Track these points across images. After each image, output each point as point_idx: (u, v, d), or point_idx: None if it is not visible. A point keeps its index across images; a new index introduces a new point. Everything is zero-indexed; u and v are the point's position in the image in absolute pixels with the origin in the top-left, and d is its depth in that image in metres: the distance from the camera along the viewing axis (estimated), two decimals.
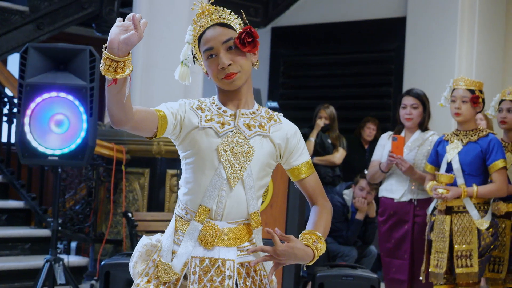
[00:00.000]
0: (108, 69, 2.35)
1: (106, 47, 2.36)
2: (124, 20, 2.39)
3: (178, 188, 2.82)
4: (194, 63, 2.79)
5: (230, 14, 2.73)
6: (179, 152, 2.75)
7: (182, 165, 2.75)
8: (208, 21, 2.71)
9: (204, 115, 2.70)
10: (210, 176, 2.67)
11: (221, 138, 2.68)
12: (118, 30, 2.35)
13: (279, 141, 2.76)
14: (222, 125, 2.69)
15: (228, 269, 2.67)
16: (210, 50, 2.68)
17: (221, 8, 2.74)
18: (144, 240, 2.79)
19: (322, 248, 2.70)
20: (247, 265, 2.72)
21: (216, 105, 2.75)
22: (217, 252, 2.68)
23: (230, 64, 2.66)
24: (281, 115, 2.84)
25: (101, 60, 2.36)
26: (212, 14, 2.72)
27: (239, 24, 2.72)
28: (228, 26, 2.70)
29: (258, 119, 2.75)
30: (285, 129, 2.79)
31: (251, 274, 2.72)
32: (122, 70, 2.36)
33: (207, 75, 2.77)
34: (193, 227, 2.68)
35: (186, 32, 2.77)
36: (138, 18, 2.34)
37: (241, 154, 2.68)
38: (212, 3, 2.74)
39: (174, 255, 2.70)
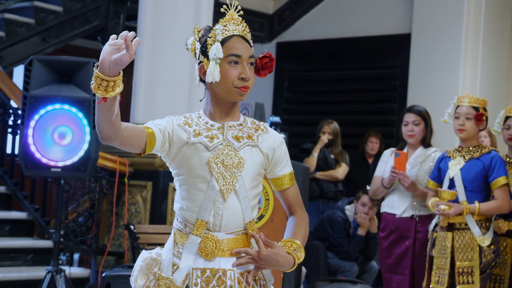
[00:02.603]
0: (99, 87, 2.39)
1: (97, 66, 2.39)
2: (117, 38, 2.42)
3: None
4: (197, 57, 2.78)
5: (249, 33, 2.80)
6: (171, 170, 2.78)
7: (175, 182, 2.78)
8: (235, 29, 2.75)
9: (192, 130, 2.73)
10: (204, 190, 2.71)
11: (211, 152, 2.71)
12: (110, 49, 2.39)
13: (267, 151, 2.80)
14: (211, 139, 2.73)
15: (229, 279, 2.70)
16: (237, 57, 2.71)
17: (246, 24, 2.80)
18: (144, 254, 2.83)
19: (301, 257, 2.78)
20: (247, 275, 2.74)
21: (203, 119, 2.78)
22: (217, 263, 2.71)
23: (249, 79, 2.72)
24: (266, 124, 2.89)
25: (92, 77, 2.40)
26: (239, 25, 2.77)
27: (252, 47, 2.78)
28: (249, 44, 2.78)
29: (245, 130, 2.79)
30: (272, 139, 2.83)
31: (251, 284, 2.75)
32: (113, 89, 2.40)
33: (203, 76, 2.75)
34: (192, 241, 2.71)
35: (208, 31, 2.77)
36: (130, 37, 2.38)
37: (232, 166, 2.72)
38: (239, 15, 2.79)
39: (175, 267, 2.73)
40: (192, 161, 2.71)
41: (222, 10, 2.79)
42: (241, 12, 2.80)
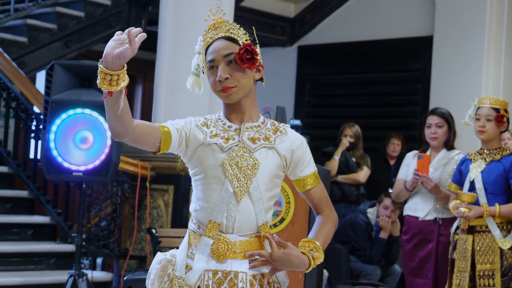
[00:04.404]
0: (103, 81, 2.41)
1: (102, 61, 2.42)
2: (122, 34, 2.45)
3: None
4: (203, 73, 2.82)
5: (238, 29, 2.77)
6: (189, 170, 2.79)
7: (192, 182, 2.78)
8: (216, 34, 2.75)
9: (209, 131, 2.74)
10: (217, 191, 2.70)
11: (226, 153, 2.71)
12: (113, 44, 2.42)
13: (285, 153, 2.77)
14: (227, 140, 2.72)
15: (241, 281, 2.69)
16: (211, 62, 2.72)
17: (230, 22, 2.78)
18: (159, 256, 2.83)
19: (319, 257, 2.73)
20: (260, 277, 2.74)
21: (222, 121, 2.78)
22: (229, 265, 2.70)
23: (227, 78, 2.69)
24: (287, 126, 2.85)
25: (97, 73, 2.42)
26: (221, 27, 2.76)
27: (246, 40, 2.75)
28: (234, 41, 2.73)
29: (263, 132, 2.77)
30: (291, 140, 2.80)
31: (264, 286, 2.73)
32: (117, 83, 2.42)
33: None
34: (204, 242, 2.71)
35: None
36: (134, 33, 2.40)
37: (247, 167, 2.70)
38: (224, 17, 2.79)
39: (187, 269, 2.72)
40: (207, 162, 2.71)
41: (206, 19, 2.80)
42: (224, 13, 2.80)
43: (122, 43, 2.41)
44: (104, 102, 2.48)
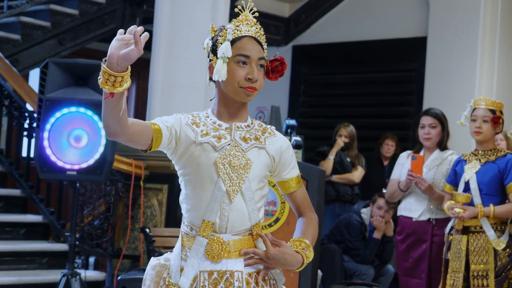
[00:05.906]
0: (106, 82, 2.39)
1: (105, 61, 2.38)
2: (125, 33, 2.40)
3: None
4: (208, 56, 2.78)
5: (263, 35, 2.78)
6: (177, 169, 2.77)
7: (181, 181, 2.77)
8: (248, 30, 2.73)
9: (199, 130, 2.72)
10: (210, 190, 2.69)
11: (219, 152, 2.70)
12: (118, 44, 2.37)
13: (274, 153, 2.80)
14: (219, 139, 2.72)
15: (237, 281, 2.69)
16: (245, 57, 2.70)
17: (260, 26, 2.78)
18: (153, 262, 2.81)
19: (310, 256, 2.75)
20: (255, 275, 2.73)
21: (211, 119, 2.77)
22: (224, 265, 2.70)
23: (257, 80, 2.70)
24: (273, 128, 2.87)
25: (100, 72, 2.38)
26: (253, 27, 2.76)
27: (265, 49, 2.77)
28: (262, 46, 2.75)
29: (253, 132, 2.79)
30: (279, 142, 2.82)
31: (260, 284, 2.73)
32: (120, 85, 2.40)
33: (211, 74, 2.75)
34: (199, 243, 2.70)
35: (206, 35, 2.80)
36: (139, 32, 2.36)
37: (239, 167, 2.71)
38: (254, 17, 2.78)
39: (182, 271, 2.71)
40: (199, 161, 2.70)
41: (236, 10, 2.78)
42: (256, 14, 2.79)
43: (126, 44, 2.37)
44: (103, 102, 2.45)
